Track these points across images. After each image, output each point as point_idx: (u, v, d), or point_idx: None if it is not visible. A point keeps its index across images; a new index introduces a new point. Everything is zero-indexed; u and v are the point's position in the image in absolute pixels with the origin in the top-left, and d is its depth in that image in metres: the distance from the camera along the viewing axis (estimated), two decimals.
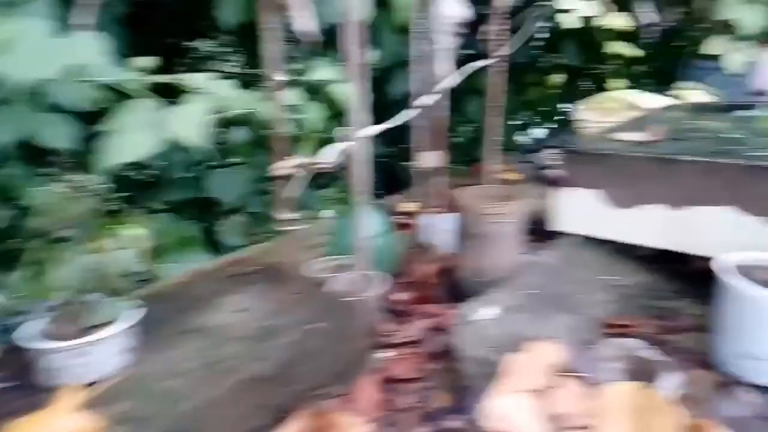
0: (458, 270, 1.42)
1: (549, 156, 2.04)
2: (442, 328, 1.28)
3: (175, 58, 2.63)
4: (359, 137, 1.48)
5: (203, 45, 2.93)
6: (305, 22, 1.17)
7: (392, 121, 1.82)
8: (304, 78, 1.61)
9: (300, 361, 1.07)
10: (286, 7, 1.15)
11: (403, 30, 1.80)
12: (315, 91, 1.64)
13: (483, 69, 1.77)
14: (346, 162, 1.49)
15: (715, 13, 2.60)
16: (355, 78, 1.17)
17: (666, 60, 2.63)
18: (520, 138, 3.93)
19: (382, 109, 1.64)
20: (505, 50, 1.78)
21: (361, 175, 1.44)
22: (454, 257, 1.43)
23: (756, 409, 1.03)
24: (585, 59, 3.73)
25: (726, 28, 2.61)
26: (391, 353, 1.24)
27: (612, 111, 2.31)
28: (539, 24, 2.55)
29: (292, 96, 1.43)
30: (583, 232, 1.51)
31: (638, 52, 2.12)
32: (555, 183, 1.51)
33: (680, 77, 2.64)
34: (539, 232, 1.74)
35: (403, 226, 1.76)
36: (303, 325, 1.12)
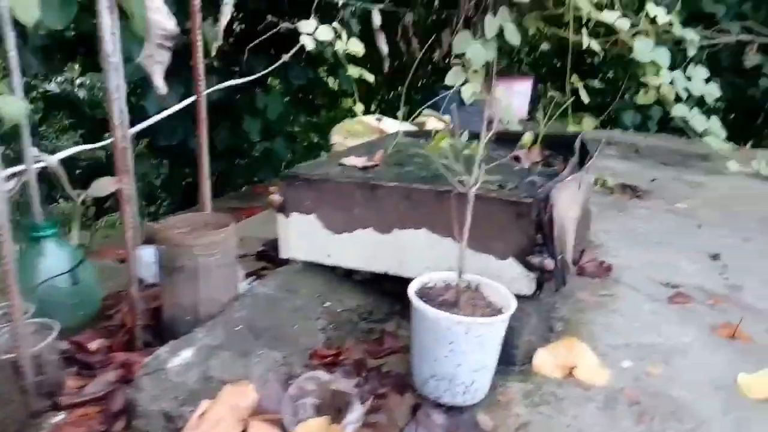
0: (164, 309, 1.28)
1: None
2: (132, 379, 1.13)
3: None
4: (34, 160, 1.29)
5: None
6: None
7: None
8: None
9: None
10: None
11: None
12: None
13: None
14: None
15: (453, 47, 2.84)
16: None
17: (413, 88, 2.82)
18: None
19: None
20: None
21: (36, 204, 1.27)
22: (162, 294, 1.29)
23: (443, 430, 1.06)
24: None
25: (462, 61, 2.87)
26: (64, 416, 1.06)
27: (359, 134, 2.37)
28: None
29: None
30: (306, 258, 1.47)
31: (373, 78, 2.19)
32: (279, 208, 1.46)
33: (429, 105, 2.82)
34: (272, 259, 1.68)
35: (122, 259, 1.58)
36: None
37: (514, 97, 3.53)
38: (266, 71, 2.59)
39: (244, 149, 4.71)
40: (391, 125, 2.42)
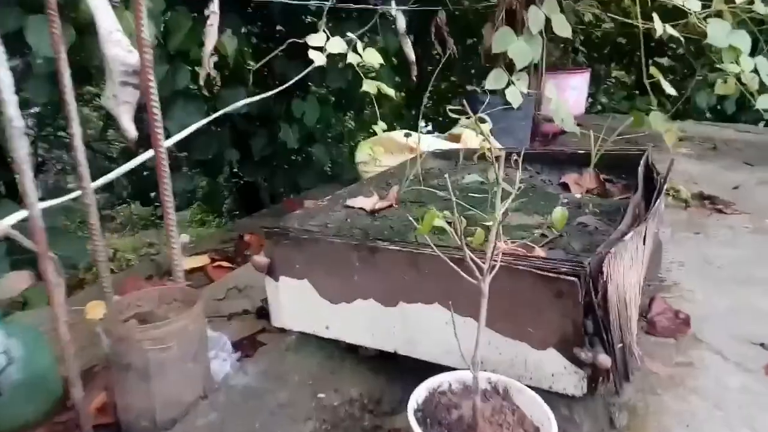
0: (118, 412, 1.05)
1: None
2: None
3: None
4: None
5: None
6: None
7: None
8: None
9: None
10: None
11: None
12: None
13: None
14: None
15: (493, 46, 2.50)
16: None
17: (444, 97, 2.52)
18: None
19: None
20: None
21: None
22: (115, 394, 1.06)
23: None
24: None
25: (504, 62, 2.52)
26: None
27: (389, 154, 2.08)
28: None
29: None
30: (301, 328, 1.21)
31: (393, 92, 1.89)
32: (267, 270, 1.20)
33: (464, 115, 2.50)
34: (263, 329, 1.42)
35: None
36: None
37: (568, 94, 3.14)
38: (295, 78, 2.37)
39: (283, 157, 4.52)
40: (422, 142, 2.12)
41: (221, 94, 3.37)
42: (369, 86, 1.59)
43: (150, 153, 1.19)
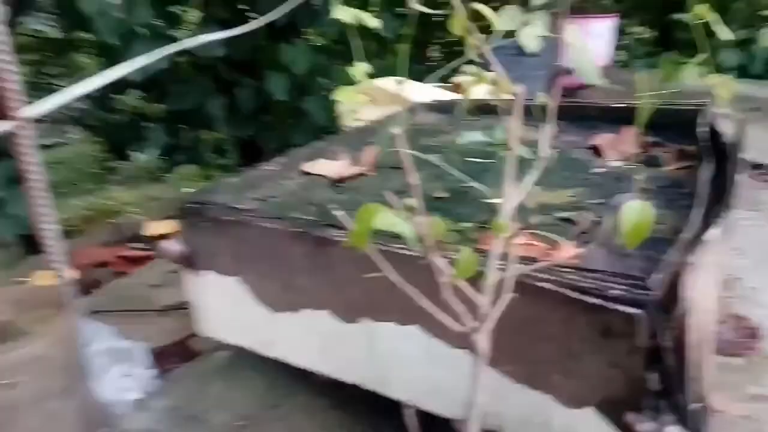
0: None
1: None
2: None
3: None
4: None
5: None
6: None
7: None
8: None
9: None
10: None
11: None
12: None
13: None
14: None
15: None
16: None
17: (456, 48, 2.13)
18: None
19: None
20: None
21: None
22: None
23: None
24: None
25: None
26: None
27: (378, 102, 1.72)
28: None
29: None
30: (237, 342, 0.88)
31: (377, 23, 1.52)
32: (182, 262, 0.87)
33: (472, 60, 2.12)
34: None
35: None
36: None
37: (591, 41, 2.73)
38: (273, 15, 2.02)
39: (273, 111, 4.16)
40: (416, 91, 1.75)
41: (194, 34, 2.99)
42: (343, 14, 1.20)
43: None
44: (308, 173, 1.01)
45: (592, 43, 2.67)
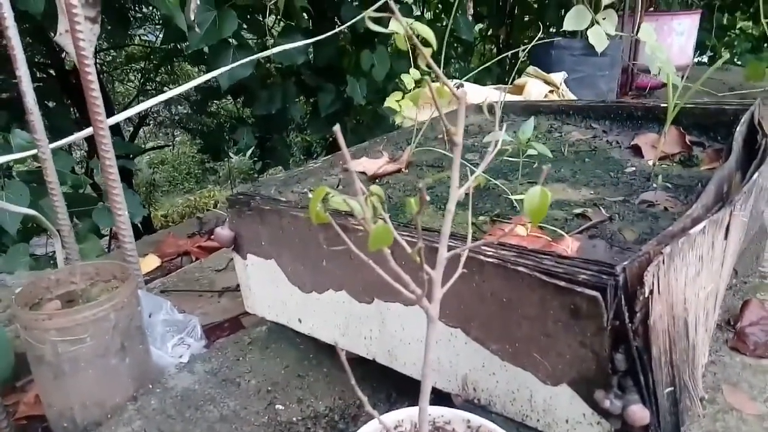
0: (44, 409, 0.89)
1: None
2: None
3: None
4: None
5: None
6: None
7: None
8: None
9: None
10: None
11: None
12: None
13: None
14: None
15: None
16: None
17: (513, 38, 2.14)
18: None
19: None
20: None
21: None
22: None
23: None
24: None
25: None
26: None
27: (423, 106, 1.78)
28: None
29: None
30: (274, 318, 0.99)
31: (430, 33, 1.58)
32: (232, 246, 0.99)
33: (534, 61, 2.13)
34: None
35: None
36: None
37: (672, 39, 2.64)
38: (354, 20, 2.13)
39: (351, 115, 4.31)
40: (474, 92, 1.80)
41: (278, 43, 3.18)
42: (395, 26, 1.29)
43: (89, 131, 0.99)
44: (349, 171, 1.10)
45: (671, 42, 2.58)
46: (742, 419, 0.85)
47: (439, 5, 4.11)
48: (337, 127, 0.45)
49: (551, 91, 1.84)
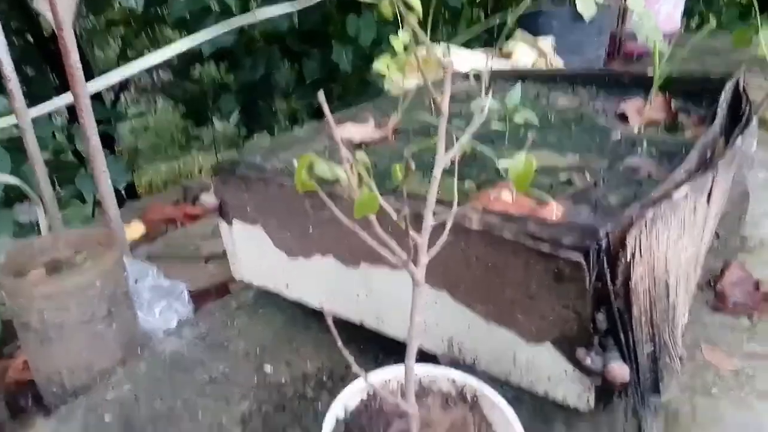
0: (33, 373, 0.89)
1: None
2: None
3: None
4: None
5: None
6: None
7: None
8: None
9: None
10: None
11: None
12: None
13: None
14: None
15: None
16: None
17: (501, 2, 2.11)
18: None
19: None
20: None
21: None
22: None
23: None
24: None
25: None
26: None
27: (411, 72, 1.77)
28: None
29: None
30: (261, 284, 0.99)
31: None
32: (219, 213, 0.98)
33: (522, 27, 2.10)
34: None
35: None
36: None
37: (659, 6, 2.63)
38: None
39: (337, 81, 4.26)
40: (463, 58, 1.78)
41: (263, 9, 3.11)
42: None
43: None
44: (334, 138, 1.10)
45: (658, 8, 2.57)
46: (718, 375, 0.88)
47: None
48: (321, 94, 0.45)
49: (540, 57, 1.84)
